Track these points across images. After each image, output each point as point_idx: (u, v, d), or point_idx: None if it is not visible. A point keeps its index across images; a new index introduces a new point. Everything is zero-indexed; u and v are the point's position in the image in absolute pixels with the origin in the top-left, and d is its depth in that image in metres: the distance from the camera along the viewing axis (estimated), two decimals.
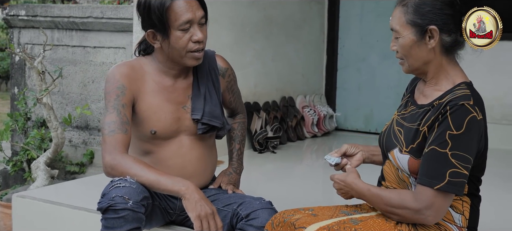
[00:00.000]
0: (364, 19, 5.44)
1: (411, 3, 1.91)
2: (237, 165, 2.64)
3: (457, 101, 1.82)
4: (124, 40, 4.02)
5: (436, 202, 1.83)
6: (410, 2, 1.91)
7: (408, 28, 1.91)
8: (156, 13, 2.26)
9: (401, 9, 1.94)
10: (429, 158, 1.84)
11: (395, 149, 1.98)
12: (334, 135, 5.37)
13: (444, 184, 1.81)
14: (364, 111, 5.51)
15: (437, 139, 1.82)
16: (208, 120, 2.42)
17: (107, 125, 2.29)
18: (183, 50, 2.30)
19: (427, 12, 1.88)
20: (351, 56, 5.53)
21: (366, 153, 2.23)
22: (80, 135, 4.30)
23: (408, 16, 1.91)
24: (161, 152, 2.41)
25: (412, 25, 1.90)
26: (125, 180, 2.18)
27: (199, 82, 2.44)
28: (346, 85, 5.57)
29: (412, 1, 1.91)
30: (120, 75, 2.35)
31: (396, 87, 5.36)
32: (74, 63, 4.28)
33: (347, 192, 2.06)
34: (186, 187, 2.18)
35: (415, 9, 1.90)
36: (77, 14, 4.10)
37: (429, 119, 1.88)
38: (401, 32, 1.93)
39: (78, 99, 4.28)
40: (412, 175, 1.93)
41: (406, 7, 1.92)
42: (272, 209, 2.32)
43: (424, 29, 1.88)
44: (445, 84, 1.93)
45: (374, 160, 2.23)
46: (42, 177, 3.68)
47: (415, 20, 1.89)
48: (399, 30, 1.93)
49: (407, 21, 1.91)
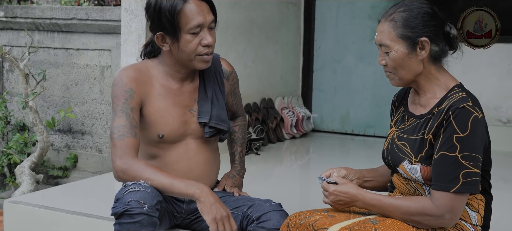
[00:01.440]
0: (340, 21, 5.52)
1: (399, 17, 1.96)
2: (239, 167, 2.65)
3: (457, 105, 1.89)
4: (109, 42, 3.96)
5: (455, 205, 1.89)
6: (397, 17, 1.96)
7: (399, 41, 1.96)
8: (167, 16, 2.25)
9: (389, 24, 1.98)
10: (440, 163, 1.90)
11: (404, 162, 2.02)
12: (311, 136, 5.42)
13: (459, 186, 1.87)
14: (340, 112, 5.58)
15: (445, 144, 1.89)
16: (215, 123, 2.42)
17: (116, 129, 2.26)
18: (192, 54, 2.30)
19: (416, 25, 1.95)
20: (327, 58, 5.59)
21: (360, 179, 2.24)
22: (63, 138, 4.23)
23: (398, 31, 1.96)
24: (167, 156, 2.40)
25: (403, 38, 1.95)
26: (139, 184, 2.16)
27: (206, 86, 2.44)
28: (322, 87, 5.63)
29: (399, 16, 1.96)
30: (128, 78, 2.32)
31: (372, 89, 5.45)
32: (56, 65, 4.21)
33: (348, 203, 2.06)
34: (201, 190, 2.18)
35: (404, 23, 1.96)
36: (60, 16, 4.03)
37: (433, 126, 1.94)
38: (392, 46, 1.97)
39: (61, 102, 4.20)
40: (426, 182, 1.98)
41: (394, 22, 1.97)
42: (282, 211, 2.33)
43: (415, 41, 1.95)
44: (439, 91, 2.00)
45: (366, 185, 2.24)
46: (27, 182, 3.60)
47: (405, 33, 1.95)
48: (389, 44, 1.98)
49: (397, 35, 1.96)
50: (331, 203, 2.10)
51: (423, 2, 2.01)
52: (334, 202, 2.08)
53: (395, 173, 2.12)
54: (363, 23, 5.43)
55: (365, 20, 5.42)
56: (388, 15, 2.00)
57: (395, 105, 2.22)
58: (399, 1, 2.04)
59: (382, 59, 2.03)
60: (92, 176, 4.06)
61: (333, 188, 2.08)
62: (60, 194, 3.24)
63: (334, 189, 2.07)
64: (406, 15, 1.96)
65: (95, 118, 4.11)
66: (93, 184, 3.52)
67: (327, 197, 2.10)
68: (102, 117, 4.08)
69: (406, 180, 2.07)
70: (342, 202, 2.07)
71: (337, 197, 2.07)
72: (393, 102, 2.23)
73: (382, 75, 5.72)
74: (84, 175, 4.11)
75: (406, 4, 2.00)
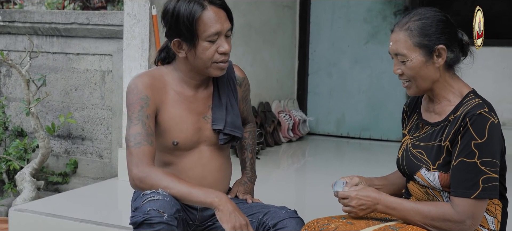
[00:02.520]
0: (335, 24, 5.53)
1: (414, 26, 1.98)
2: (251, 174, 2.64)
3: (474, 112, 1.91)
4: (111, 47, 3.93)
5: (475, 210, 1.92)
6: (413, 26, 1.98)
7: (416, 50, 1.98)
8: (185, 23, 2.23)
9: (405, 33, 2.00)
10: (460, 170, 1.92)
11: (421, 170, 2.04)
12: (307, 139, 5.44)
13: (479, 192, 1.89)
14: (335, 115, 5.60)
15: (463, 150, 1.91)
16: (230, 130, 2.41)
17: (132, 137, 2.24)
18: (208, 61, 2.29)
19: (432, 33, 1.97)
20: (322, 61, 5.61)
21: (370, 187, 2.24)
22: (62, 144, 4.18)
23: (414, 39, 1.98)
24: (181, 163, 2.39)
25: (420, 47, 1.97)
26: (157, 193, 2.14)
27: (220, 93, 2.43)
28: (318, 90, 5.64)
29: (415, 24, 1.98)
30: (143, 85, 2.31)
31: (367, 92, 5.47)
32: (55, 70, 4.16)
33: (370, 207, 2.07)
34: (219, 198, 2.17)
35: (420, 31, 1.98)
36: (60, 20, 3.98)
37: (450, 133, 1.96)
38: (408, 55, 1.99)
39: (60, 108, 4.16)
40: (445, 189, 2.00)
41: (410, 31, 1.99)
42: (298, 218, 2.33)
43: (432, 49, 1.97)
44: (453, 98, 2.03)
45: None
46: (28, 189, 3.56)
47: (422, 42, 1.97)
48: (406, 53, 1.99)
49: (414, 44, 1.98)
50: (353, 208, 2.09)
51: (436, 10, 2.03)
52: (357, 206, 2.08)
53: (411, 180, 2.13)
54: (358, 26, 5.45)
55: (360, 23, 5.45)
56: (402, 24, 2.01)
57: (407, 114, 2.23)
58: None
59: (398, 69, 2.04)
60: (93, 181, 4.02)
61: (355, 192, 2.08)
62: (65, 201, 3.21)
63: (356, 193, 2.08)
64: (422, 23, 1.98)
65: (95, 123, 4.07)
66: (97, 190, 3.50)
67: (348, 202, 2.10)
68: (103, 122, 4.05)
69: (423, 187, 2.08)
70: (364, 206, 2.07)
71: (360, 201, 2.07)
72: (405, 111, 2.25)
73: (377, 79, 5.80)
74: (85, 181, 4.07)
75: (420, 12, 2.02)
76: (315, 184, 3.94)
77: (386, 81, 5.40)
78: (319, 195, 3.56)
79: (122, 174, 3.66)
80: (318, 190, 3.64)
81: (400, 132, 5.59)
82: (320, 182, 3.95)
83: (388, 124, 5.42)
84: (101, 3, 7.39)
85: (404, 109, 2.25)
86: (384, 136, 5.45)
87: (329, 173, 4.23)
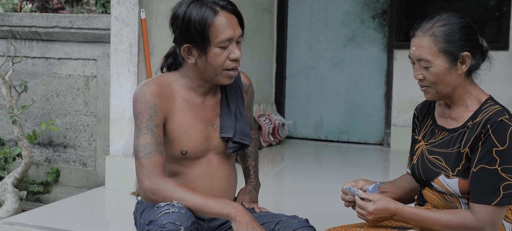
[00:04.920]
0: (313, 27, 5.53)
1: (440, 32, 1.96)
2: (255, 182, 2.60)
3: (495, 119, 1.91)
4: (95, 51, 3.81)
5: (496, 217, 1.92)
6: (438, 31, 1.97)
7: (440, 56, 1.96)
8: (197, 28, 2.17)
9: (429, 39, 1.97)
10: (481, 177, 1.91)
11: (440, 176, 2.02)
12: (286, 142, 5.42)
13: (500, 199, 1.89)
14: (314, 119, 5.59)
15: (484, 157, 1.90)
16: (239, 138, 2.36)
17: (142, 147, 2.17)
18: (219, 68, 2.23)
19: (458, 40, 1.96)
20: (300, 64, 5.59)
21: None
22: (43, 152, 4.03)
23: (439, 45, 1.96)
24: (189, 172, 2.32)
25: (445, 53, 1.96)
26: (172, 205, 2.07)
27: (229, 100, 2.38)
28: (296, 93, 5.62)
29: (440, 30, 1.97)
30: (151, 94, 2.23)
31: (345, 95, 5.49)
32: (34, 75, 4.01)
33: (387, 218, 2.05)
34: (236, 209, 2.12)
35: (446, 38, 1.96)
36: (41, 24, 3.84)
37: (470, 140, 1.95)
38: (433, 61, 1.97)
39: (40, 114, 4.01)
40: (464, 195, 1.99)
41: (435, 37, 1.97)
42: (311, 227, 2.29)
43: (457, 56, 1.95)
44: (471, 104, 2.02)
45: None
46: (11, 200, 3.41)
47: (447, 48, 1.95)
48: (430, 59, 1.98)
49: (439, 50, 1.96)
50: (369, 220, 2.07)
51: (460, 16, 2.01)
52: (374, 220, 2.06)
53: (427, 186, 2.11)
54: (336, 30, 5.45)
55: (338, 26, 5.45)
56: (426, 29, 1.99)
57: (418, 119, 2.21)
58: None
59: (420, 74, 2.01)
60: (76, 190, 3.90)
61: (372, 208, 2.05)
62: (56, 212, 3.12)
63: (373, 209, 2.05)
64: (447, 29, 1.96)
65: (79, 130, 3.94)
66: (87, 200, 3.41)
67: (365, 215, 2.07)
68: (87, 129, 3.92)
69: (441, 193, 2.07)
70: (381, 219, 2.06)
71: (377, 216, 2.05)
72: (416, 116, 2.22)
73: (355, 82, 5.82)
74: (68, 190, 3.94)
75: (444, 18, 1.99)
76: (294, 189, 3.95)
77: (364, 84, 5.42)
78: (298, 199, 3.56)
79: (110, 182, 3.56)
80: (297, 194, 3.64)
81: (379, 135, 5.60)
82: (299, 187, 3.95)
83: (366, 127, 5.45)
84: (60, 4, 7.23)
85: (415, 115, 2.23)
86: (363, 139, 5.47)
87: (308, 177, 4.22)
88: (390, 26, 5.25)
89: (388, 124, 5.32)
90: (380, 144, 5.41)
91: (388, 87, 5.30)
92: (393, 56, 5.24)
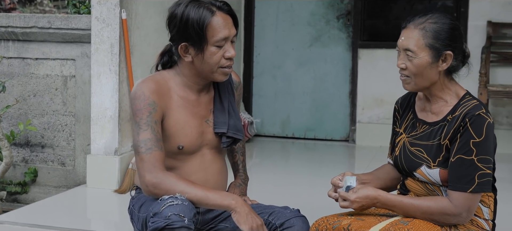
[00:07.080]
0: (279, 27, 5.64)
1: (430, 27, 2.10)
2: (244, 176, 2.68)
3: (473, 112, 2.06)
4: (73, 51, 3.83)
5: (471, 204, 2.07)
6: (428, 27, 2.10)
7: (425, 50, 2.10)
8: (195, 27, 2.25)
9: (419, 32, 2.11)
10: (458, 166, 2.06)
11: (422, 167, 2.16)
12: (254, 140, 5.51)
13: (475, 186, 2.05)
14: (280, 117, 5.71)
15: (462, 148, 2.06)
16: (233, 133, 2.45)
17: (143, 143, 2.24)
18: (215, 66, 2.32)
19: (444, 38, 2.10)
20: (267, 64, 5.70)
21: (357, 181, 2.34)
22: (19, 152, 4.02)
23: (427, 40, 2.10)
24: (185, 167, 2.40)
25: (430, 48, 2.10)
26: (175, 197, 2.15)
27: (221, 96, 2.47)
28: (262, 92, 5.73)
29: (430, 26, 2.10)
30: (150, 91, 2.30)
31: (311, 93, 5.62)
32: (10, 76, 3.99)
33: (369, 205, 2.18)
34: (236, 200, 2.21)
35: (434, 34, 2.10)
36: (18, 24, 3.83)
37: (449, 132, 2.10)
38: (418, 53, 2.11)
39: (17, 115, 4.00)
40: (444, 184, 2.14)
41: (424, 31, 2.10)
42: (303, 217, 2.39)
43: (440, 53, 2.10)
44: (450, 99, 2.17)
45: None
46: None
47: (434, 44, 2.09)
48: (416, 51, 2.11)
49: (425, 44, 2.10)
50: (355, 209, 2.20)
51: (451, 18, 2.15)
52: (358, 208, 2.18)
53: (409, 177, 2.25)
54: (302, 30, 5.59)
55: (304, 26, 5.59)
56: (418, 22, 2.12)
57: (399, 112, 2.33)
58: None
59: (402, 63, 2.14)
60: (55, 190, 3.90)
61: (354, 196, 2.17)
62: (40, 211, 3.13)
63: (355, 197, 2.17)
64: (437, 27, 2.09)
65: (57, 130, 3.95)
66: (70, 199, 3.44)
67: (349, 206, 2.19)
68: (65, 128, 3.93)
69: (423, 183, 2.20)
70: (364, 207, 2.18)
71: (360, 204, 2.17)
72: (396, 109, 2.35)
73: (321, 80, 5.95)
74: (46, 189, 3.94)
75: (437, 16, 2.12)
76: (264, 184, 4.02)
77: (329, 83, 5.57)
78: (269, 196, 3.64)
79: (91, 181, 3.59)
80: (268, 190, 3.73)
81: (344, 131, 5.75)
82: (268, 182, 4.04)
83: (332, 124, 5.59)
84: (12, 4, 7.14)
85: (395, 108, 2.35)
86: (328, 135, 5.62)
87: (277, 173, 4.32)
88: (354, 26, 5.41)
89: (353, 120, 5.48)
90: (345, 140, 5.56)
91: (353, 86, 5.46)
92: (357, 55, 5.40)
